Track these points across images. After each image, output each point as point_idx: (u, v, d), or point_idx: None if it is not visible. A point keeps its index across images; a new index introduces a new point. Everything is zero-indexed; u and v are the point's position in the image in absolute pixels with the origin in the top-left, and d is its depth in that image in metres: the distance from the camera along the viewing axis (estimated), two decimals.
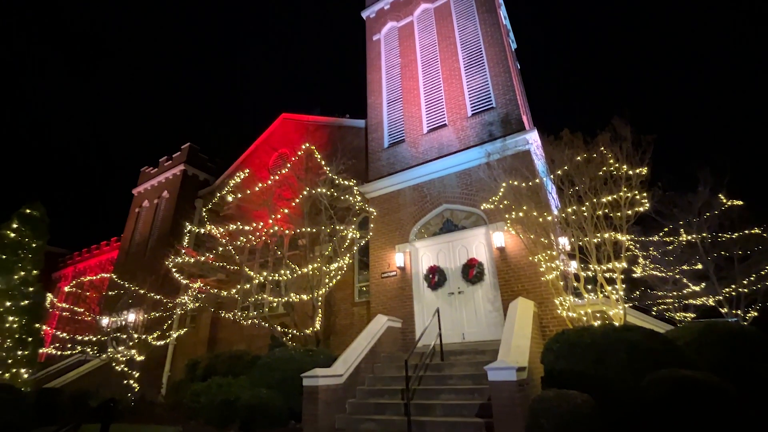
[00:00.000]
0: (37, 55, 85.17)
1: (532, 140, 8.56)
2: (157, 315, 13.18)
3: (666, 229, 11.85)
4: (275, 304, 11.15)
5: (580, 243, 5.96)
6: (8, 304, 8.33)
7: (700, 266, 11.23)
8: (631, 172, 5.80)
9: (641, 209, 6.01)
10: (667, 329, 6.53)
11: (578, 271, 6.02)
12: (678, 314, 11.57)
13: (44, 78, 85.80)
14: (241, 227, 9.54)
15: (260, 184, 10.10)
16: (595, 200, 5.89)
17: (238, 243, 10.02)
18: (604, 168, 6.14)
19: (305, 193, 9.66)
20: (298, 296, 9.30)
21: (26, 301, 8.64)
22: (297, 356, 7.16)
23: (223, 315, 12.33)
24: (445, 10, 12.00)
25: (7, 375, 7.91)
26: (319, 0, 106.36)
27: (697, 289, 11.41)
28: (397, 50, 12.61)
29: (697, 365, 4.31)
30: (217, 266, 10.81)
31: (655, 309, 12.04)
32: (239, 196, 10.06)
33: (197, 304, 12.22)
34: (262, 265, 12.52)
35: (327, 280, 9.39)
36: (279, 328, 9.46)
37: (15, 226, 8.93)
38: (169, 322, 13.62)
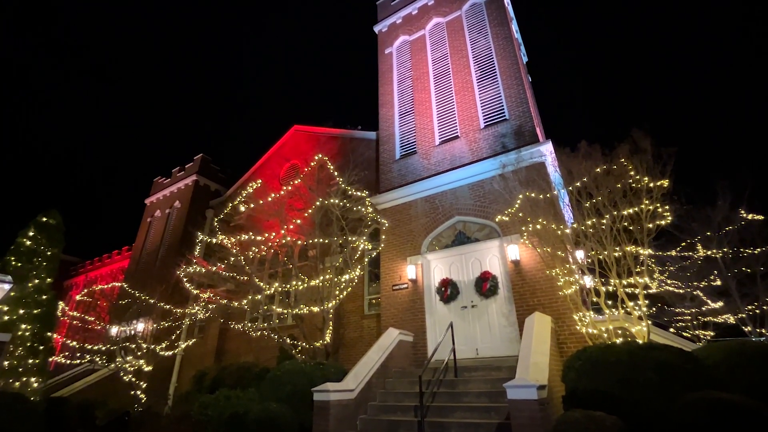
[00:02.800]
0: (53, 66, 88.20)
1: (547, 152, 8.48)
2: (166, 325, 13.14)
3: (683, 244, 11.56)
4: (285, 316, 11.05)
5: (600, 257, 5.79)
6: (21, 312, 8.37)
7: (719, 282, 10.89)
8: (652, 185, 5.66)
9: (663, 222, 5.84)
10: (691, 348, 6.27)
11: (598, 285, 5.83)
12: (697, 332, 11.17)
13: (60, 89, 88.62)
14: (252, 237, 9.53)
15: (273, 194, 10.12)
16: (615, 213, 5.74)
17: (249, 253, 10.00)
18: (623, 180, 6.01)
19: (317, 203, 9.64)
20: (308, 308, 9.19)
21: (39, 309, 8.67)
22: (307, 369, 7.01)
23: (231, 326, 12.26)
24: (457, 24, 12.12)
25: (17, 384, 7.88)
26: (332, 14, 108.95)
27: (716, 306, 11.04)
28: (408, 63, 12.73)
29: (729, 387, 4.10)
30: (227, 276, 10.77)
31: (672, 326, 11.66)
32: (252, 206, 10.09)
33: (206, 315, 12.17)
34: (272, 276, 12.46)
35: (337, 292, 9.27)
36: (288, 341, 9.33)
37: (31, 233, 9.05)
38: (178, 332, 13.56)
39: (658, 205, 5.67)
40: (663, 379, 3.95)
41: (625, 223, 5.93)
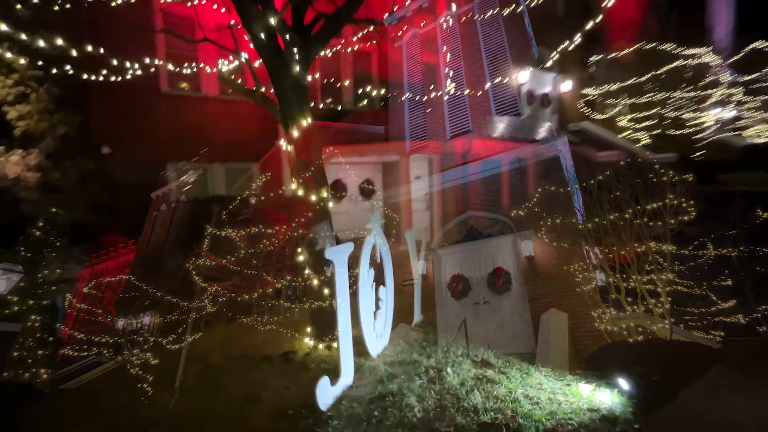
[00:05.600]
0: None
1: (561, 146, 8.33)
2: (172, 318, 13.10)
3: (696, 242, 11.36)
4: (297, 310, 10.96)
5: (623, 252, 5.66)
6: (31, 302, 8.34)
7: (730, 282, 10.72)
8: (676, 179, 5.52)
9: (686, 218, 5.69)
10: (714, 347, 6.13)
11: (618, 282, 5.70)
12: (708, 332, 11.01)
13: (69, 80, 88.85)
14: (262, 230, 9.46)
15: (283, 188, 10.03)
16: (638, 207, 5.60)
17: (257, 247, 9.92)
18: (645, 174, 5.87)
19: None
20: (316, 303, 9.09)
21: (48, 301, 8.64)
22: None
23: (238, 320, 12.19)
24: (469, 17, 11.92)
25: (26, 375, 7.86)
26: None
27: (726, 305, 10.87)
28: (419, 57, 12.57)
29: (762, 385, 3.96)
30: (235, 270, 10.72)
31: (681, 325, 11.49)
32: (262, 198, 10.01)
33: (213, 309, 12.11)
34: (280, 270, 12.38)
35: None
36: (297, 335, 9.24)
37: (41, 224, 9.01)
38: (184, 326, 13.52)
39: (683, 199, 5.53)
40: (695, 377, 3.82)
41: (645, 218, 5.79)
